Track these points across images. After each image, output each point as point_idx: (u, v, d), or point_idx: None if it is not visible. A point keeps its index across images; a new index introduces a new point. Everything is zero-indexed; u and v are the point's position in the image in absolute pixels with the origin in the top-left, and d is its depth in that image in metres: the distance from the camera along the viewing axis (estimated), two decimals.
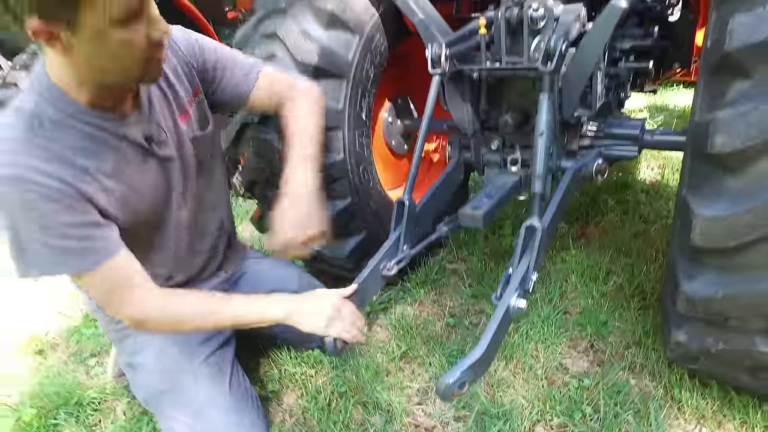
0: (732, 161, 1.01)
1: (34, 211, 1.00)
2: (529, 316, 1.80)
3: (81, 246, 1.05)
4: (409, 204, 1.50)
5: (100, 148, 1.08)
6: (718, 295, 1.11)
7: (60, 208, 1.01)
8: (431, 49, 1.45)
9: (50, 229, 1.02)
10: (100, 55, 0.95)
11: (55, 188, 1.00)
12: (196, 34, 1.34)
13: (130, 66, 1.00)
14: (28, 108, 1.02)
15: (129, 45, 0.95)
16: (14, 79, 2.35)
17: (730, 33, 0.97)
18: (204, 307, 1.25)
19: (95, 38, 0.91)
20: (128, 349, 1.44)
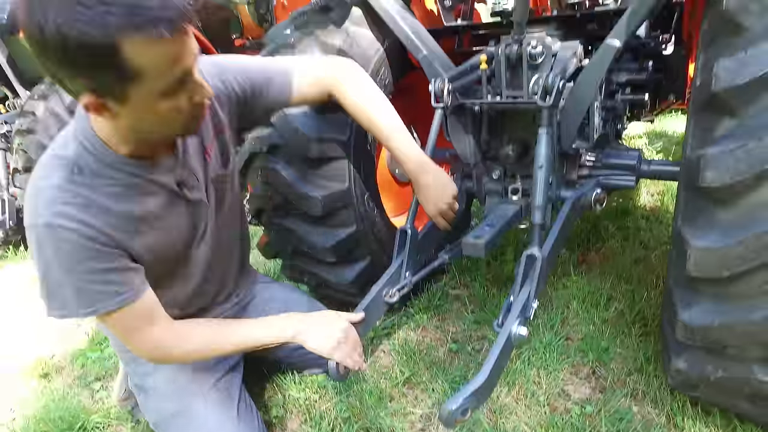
0: (722, 195, 1.06)
1: (66, 256, 1.05)
2: (531, 342, 1.81)
3: (106, 290, 1.11)
4: (411, 232, 1.54)
5: (134, 195, 1.13)
6: (714, 324, 1.14)
7: (90, 254, 1.06)
8: (434, 84, 1.51)
9: (79, 273, 1.07)
10: (145, 120, 1.00)
11: (87, 236, 1.05)
12: (224, 60, 1.36)
13: (174, 127, 1.06)
14: (68, 155, 1.07)
15: (174, 111, 1.00)
16: (32, 108, 2.43)
17: (715, 75, 1.03)
18: (219, 334, 1.31)
19: (142, 108, 0.96)
20: (140, 371, 1.47)
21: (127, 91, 0.92)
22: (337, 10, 1.76)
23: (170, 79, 0.94)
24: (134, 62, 0.87)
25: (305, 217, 1.76)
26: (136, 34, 0.85)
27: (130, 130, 1.05)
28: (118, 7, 0.83)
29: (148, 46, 0.87)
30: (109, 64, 0.86)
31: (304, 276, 2.02)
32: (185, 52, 0.94)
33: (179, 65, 0.94)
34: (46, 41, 0.83)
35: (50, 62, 0.87)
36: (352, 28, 1.74)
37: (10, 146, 2.68)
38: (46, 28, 0.82)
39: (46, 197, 1.04)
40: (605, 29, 1.58)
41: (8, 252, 3.52)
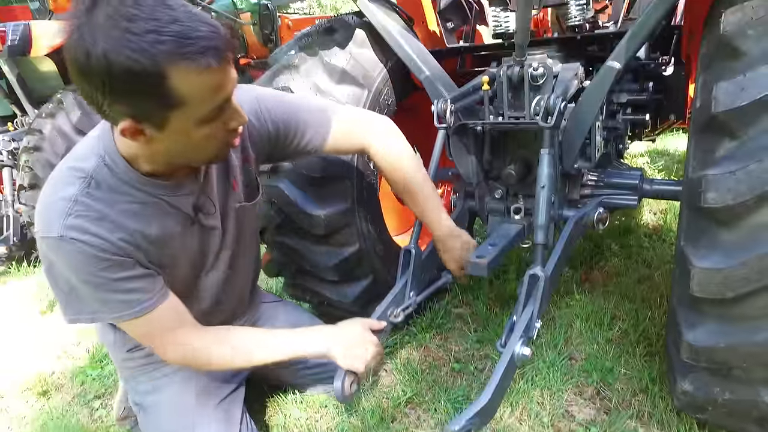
0: (724, 216, 1.06)
1: (81, 267, 1.07)
2: (534, 362, 1.80)
3: (127, 298, 1.12)
4: (415, 252, 1.54)
5: (149, 214, 1.13)
6: (719, 345, 1.13)
7: (105, 264, 1.07)
8: (437, 104, 1.53)
9: (96, 283, 1.09)
10: (179, 145, 1.01)
11: (99, 247, 1.06)
12: (263, 95, 1.34)
13: (206, 152, 1.07)
14: (86, 168, 1.07)
15: (211, 138, 1.01)
16: (39, 126, 2.46)
17: (715, 98, 1.04)
18: (249, 343, 1.30)
19: (179, 134, 0.97)
20: (140, 389, 1.46)
21: (168, 117, 0.93)
22: (341, 31, 1.80)
23: (211, 107, 0.95)
24: (179, 90, 0.88)
25: (308, 236, 1.77)
26: (185, 62, 0.86)
27: (162, 154, 1.06)
28: (167, 36, 0.84)
29: (195, 74, 0.88)
30: (154, 91, 0.87)
31: (306, 294, 2.02)
32: (228, 80, 0.95)
33: (221, 93, 0.95)
34: (90, 67, 0.84)
35: (91, 87, 0.88)
36: (355, 50, 1.77)
37: (17, 163, 2.71)
38: (93, 53, 0.83)
39: (60, 209, 1.04)
40: (606, 51, 1.61)
41: (11, 268, 3.53)
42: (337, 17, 1.91)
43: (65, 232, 1.03)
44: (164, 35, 0.84)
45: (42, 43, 2.50)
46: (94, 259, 1.05)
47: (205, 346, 1.25)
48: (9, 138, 3.09)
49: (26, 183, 2.48)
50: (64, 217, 1.03)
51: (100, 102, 0.90)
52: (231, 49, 0.93)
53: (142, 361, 1.43)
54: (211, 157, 1.11)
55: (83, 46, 0.83)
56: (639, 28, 1.39)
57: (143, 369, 1.44)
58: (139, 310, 1.13)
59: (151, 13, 0.84)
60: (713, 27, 1.16)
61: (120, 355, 1.46)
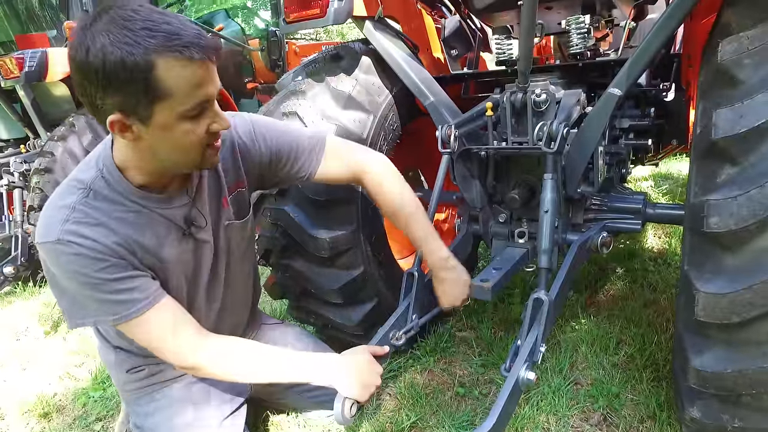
0: (728, 240, 1.07)
1: (80, 269, 1.10)
2: (540, 387, 1.78)
3: (124, 298, 1.15)
4: (418, 275, 1.55)
5: (142, 223, 1.18)
6: (727, 371, 1.12)
7: (102, 266, 1.11)
8: (441, 130, 1.56)
9: (94, 284, 1.12)
10: (164, 144, 1.07)
11: (96, 249, 1.10)
12: (258, 121, 1.39)
13: (190, 154, 1.11)
14: (85, 180, 1.14)
15: (191, 135, 1.07)
16: (51, 148, 2.51)
17: (715, 124, 1.06)
18: (255, 358, 1.31)
19: (163, 130, 1.04)
20: (140, 411, 1.45)
21: (153, 109, 1.00)
22: (348, 58, 1.84)
23: (193, 102, 1.02)
24: (165, 82, 0.97)
25: (312, 259, 1.78)
26: (171, 54, 0.96)
27: (148, 154, 1.10)
28: (159, 33, 0.95)
29: (179, 66, 0.97)
30: (142, 82, 0.96)
31: (310, 317, 2.02)
32: (209, 79, 1.04)
33: (203, 89, 1.03)
34: (89, 62, 0.94)
35: (87, 81, 0.97)
36: (361, 76, 1.81)
37: (27, 184, 2.75)
38: (92, 48, 0.93)
39: (59, 216, 1.10)
40: (607, 78, 1.64)
41: (17, 288, 3.55)
42: (343, 44, 1.97)
43: (62, 235, 1.08)
44: (156, 31, 0.95)
45: (57, 69, 2.57)
46: (90, 261, 1.10)
47: (211, 353, 1.26)
48: (21, 160, 3.15)
49: (36, 204, 2.51)
50: (62, 223, 1.09)
51: (93, 95, 0.98)
52: (214, 51, 1.03)
53: (142, 382, 1.43)
54: (195, 161, 1.14)
55: (84, 43, 0.94)
56: (639, 55, 1.42)
57: (144, 390, 1.44)
58: (138, 309, 1.15)
59: (147, 16, 0.97)
60: (711, 56, 1.18)
61: (121, 376, 1.46)
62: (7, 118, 3.40)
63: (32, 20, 3.52)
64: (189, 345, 1.23)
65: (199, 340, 1.24)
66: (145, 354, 1.33)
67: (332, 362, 1.35)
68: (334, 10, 1.65)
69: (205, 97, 1.04)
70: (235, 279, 1.45)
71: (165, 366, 1.40)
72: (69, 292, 1.17)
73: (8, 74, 2.58)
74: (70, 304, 1.20)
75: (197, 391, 1.45)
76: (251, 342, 1.39)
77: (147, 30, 0.94)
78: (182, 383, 1.45)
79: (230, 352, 1.29)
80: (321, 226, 1.73)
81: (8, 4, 3.49)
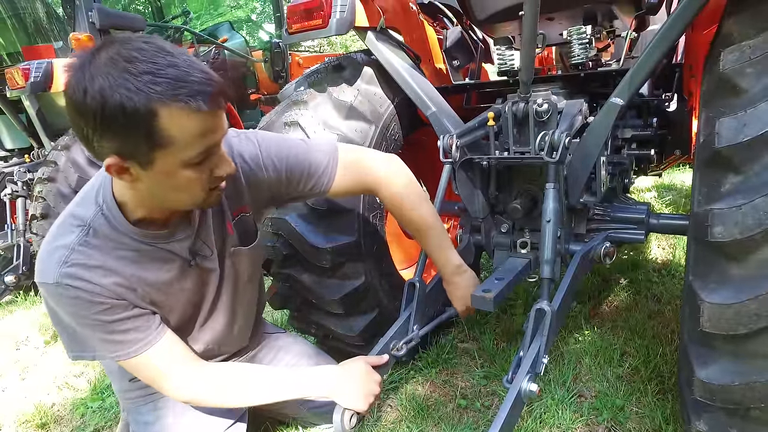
0: (733, 250, 1.05)
1: (79, 311, 1.10)
2: (543, 399, 1.76)
3: (124, 338, 1.15)
4: (419, 285, 1.54)
5: (145, 260, 1.16)
6: (734, 383, 1.10)
7: (101, 308, 1.11)
8: (443, 140, 1.56)
9: (94, 325, 1.13)
10: (165, 188, 1.03)
11: (95, 292, 1.09)
12: (263, 140, 1.33)
13: (192, 197, 1.07)
14: (84, 216, 1.12)
15: (195, 181, 1.02)
16: (54, 158, 2.53)
17: (717, 133, 1.06)
18: (253, 383, 1.31)
19: (165, 176, 0.99)
20: (142, 420, 1.45)
21: (154, 157, 0.94)
22: (350, 68, 1.85)
23: (198, 151, 0.97)
24: (168, 131, 0.91)
25: (314, 269, 1.77)
26: (176, 104, 0.89)
27: (147, 195, 1.07)
28: (163, 78, 0.87)
29: (185, 116, 0.91)
30: (143, 130, 0.89)
31: (311, 327, 2.01)
32: (217, 126, 0.98)
33: (209, 139, 0.97)
34: (86, 103, 0.87)
35: (83, 122, 0.91)
36: (363, 86, 1.82)
37: (31, 193, 2.77)
38: (90, 90, 0.86)
39: (57, 257, 1.08)
40: (609, 88, 1.64)
41: (19, 297, 3.54)
42: (345, 55, 1.98)
43: (61, 279, 1.06)
44: (160, 77, 0.87)
45: (62, 79, 2.58)
46: (89, 304, 1.09)
47: (207, 384, 1.26)
48: (25, 169, 3.18)
49: (38, 213, 2.52)
50: (60, 265, 1.07)
51: (90, 137, 0.92)
52: (224, 97, 0.96)
53: (144, 390, 1.42)
54: (196, 202, 1.10)
55: (82, 83, 0.87)
56: (641, 65, 1.42)
57: (145, 399, 1.44)
58: (137, 349, 1.16)
59: (151, 57, 0.88)
60: (713, 65, 1.18)
61: (123, 384, 1.45)
62: (12, 127, 3.43)
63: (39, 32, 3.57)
64: (186, 381, 1.23)
65: (196, 375, 1.24)
66: None
67: (330, 374, 1.33)
68: (337, 21, 1.66)
69: (210, 144, 0.98)
70: (241, 300, 1.43)
71: None
72: (69, 328, 1.17)
73: (14, 85, 2.61)
74: (70, 339, 1.19)
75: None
76: (247, 366, 1.39)
77: (150, 75, 0.87)
78: None
79: (226, 381, 1.28)
80: (322, 235, 1.73)
81: (16, 16, 3.54)
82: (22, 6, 3.54)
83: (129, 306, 1.14)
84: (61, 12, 3.50)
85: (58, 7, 3.59)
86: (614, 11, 1.76)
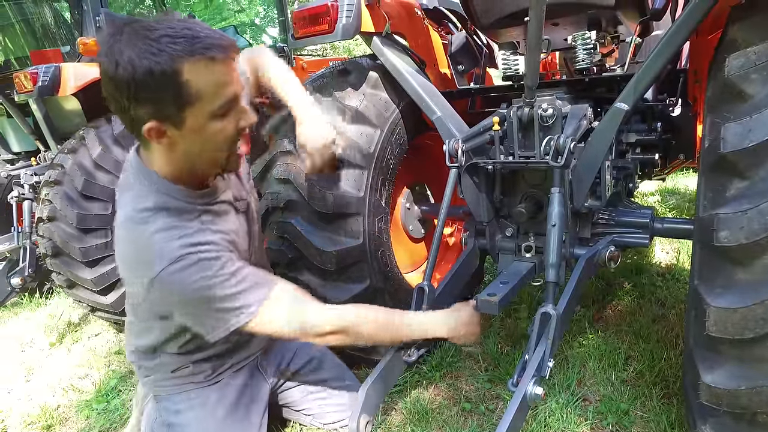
0: (738, 254, 1.06)
1: (205, 273, 1.16)
2: (547, 403, 1.76)
3: (251, 284, 1.23)
4: (428, 289, 1.54)
5: (213, 216, 1.28)
6: (741, 388, 1.10)
7: (223, 261, 1.19)
8: (449, 144, 1.57)
9: (222, 283, 1.18)
10: (198, 145, 1.14)
11: (211, 250, 1.18)
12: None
13: (223, 151, 1.19)
14: (151, 206, 1.18)
15: (222, 133, 1.14)
16: (61, 161, 2.54)
17: (723, 139, 1.06)
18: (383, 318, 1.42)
19: (196, 132, 1.11)
20: (173, 408, 1.48)
21: (184, 116, 1.07)
22: (355, 73, 1.86)
23: (221, 101, 1.09)
24: (192, 86, 1.04)
25: (319, 272, 1.78)
26: (195, 57, 1.02)
27: (184, 159, 1.18)
28: (180, 38, 1.01)
29: (203, 68, 1.04)
30: (171, 89, 1.02)
31: None
32: (233, 77, 1.11)
33: (229, 88, 1.10)
34: (118, 75, 1.00)
35: (119, 93, 1.03)
36: (369, 91, 1.83)
37: (37, 196, 2.78)
38: (120, 62, 0.99)
39: (161, 240, 1.15)
40: (613, 93, 1.65)
41: (24, 299, 3.56)
42: (351, 60, 1.99)
43: (179, 251, 1.14)
44: (178, 37, 1.01)
45: (69, 83, 2.61)
46: (213, 261, 1.17)
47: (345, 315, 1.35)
48: (32, 172, 3.19)
49: (45, 216, 2.53)
50: (170, 242, 1.15)
51: (127, 107, 1.04)
52: (234, 50, 1.10)
53: (183, 380, 1.47)
54: (226, 157, 1.21)
55: (113, 58, 1.00)
56: (645, 71, 1.42)
57: (181, 388, 1.48)
58: (266, 291, 1.24)
59: (168, 24, 1.03)
60: (718, 71, 1.19)
61: (161, 375, 1.48)
62: (19, 131, 3.45)
63: (47, 37, 3.59)
64: (323, 308, 1.33)
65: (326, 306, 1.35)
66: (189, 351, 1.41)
67: (448, 319, 1.48)
68: (343, 26, 1.67)
69: (231, 95, 1.11)
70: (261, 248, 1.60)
71: (207, 365, 1.46)
72: (201, 308, 1.20)
73: (22, 88, 2.62)
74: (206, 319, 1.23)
75: (231, 393, 1.51)
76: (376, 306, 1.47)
77: (169, 37, 1.00)
78: (218, 386, 1.50)
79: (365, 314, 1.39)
80: (328, 239, 1.74)
81: (25, 21, 3.57)
82: (30, 11, 3.57)
83: (235, 257, 1.23)
84: (68, 17, 3.53)
85: (65, 12, 3.62)
86: (619, 17, 1.77)
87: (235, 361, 1.53)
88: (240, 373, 1.56)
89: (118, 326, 2.92)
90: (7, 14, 3.52)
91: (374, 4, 1.76)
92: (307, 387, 1.72)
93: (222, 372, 1.51)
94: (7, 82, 3.01)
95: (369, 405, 1.44)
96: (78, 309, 3.21)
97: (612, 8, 1.69)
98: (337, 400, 1.72)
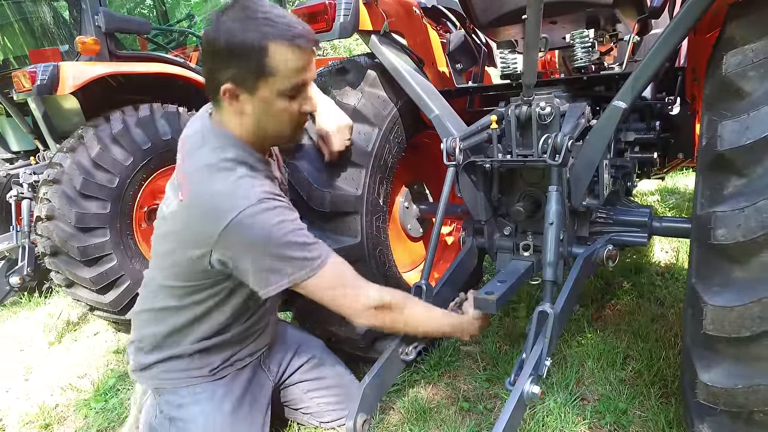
0: (736, 253, 1.06)
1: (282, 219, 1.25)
2: (545, 402, 1.76)
3: (315, 241, 1.32)
4: (426, 288, 1.54)
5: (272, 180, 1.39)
6: (738, 387, 1.10)
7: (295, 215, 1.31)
8: (446, 143, 1.57)
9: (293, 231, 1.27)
10: (265, 115, 1.28)
11: (288, 203, 1.33)
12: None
13: (285, 126, 1.33)
14: (232, 156, 1.29)
15: (286, 111, 1.28)
16: (60, 160, 2.54)
17: (720, 136, 1.06)
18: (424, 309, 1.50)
19: (264, 102, 1.25)
20: (176, 402, 1.48)
21: (258, 85, 1.22)
22: (353, 72, 1.86)
23: (293, 83, 1.24)
24: (273, 63, 1.19)
25: None
26: (284, 41, 1.19)
27: (252, 123, 1.30)
28: (276, 23, 1.18)
29: (288, 52, 1.20)
30: (254, 60, 1.18)
31: (314, 330, 2.00)
32: (309, 66, 1.26)
33: (302, 74, 1.24)
34: (217, 40, 1.18)
35: (212, 55, 1.21)
36: (367, 89, 1.83)
37: (36, 195, 2.78)
38: (221, 30, 1.18)
39: (246, 185, 1.25)
40: (612, 91, 1.65)
41: (23, 298, 3.56)
42: (349, 58, 1.99)
43: (262, 195, 1.24)
44: (275, 21, 1.18)
45: (68, 82, 2.60)
46: (288, 211, 1.28)
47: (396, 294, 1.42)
48: (31, 171, 3.19)
49: (44, 215, 2.53)
50: (254, 187, 1.25)
51: (215, 68, 1.22)
52: (317, 45, 1.27)
53: (194, 372, 1.48)
54: (288, 133, 1.35)
55: (217, 27, 1.18)
56: (643, 69, 1.42)
57: (188, 381, 1.48)
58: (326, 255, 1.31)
59: (269, 9, 1.20)
60: (716, 69, 1.19)
61: (174, 365, 1.48)
62: (18, 130, 3.45)
63: (46, 36, 3.59)
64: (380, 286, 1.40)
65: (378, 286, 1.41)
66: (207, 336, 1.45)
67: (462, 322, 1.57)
68: (340, 24, 1.67)
69: (302, 80, 1.25)
70: None
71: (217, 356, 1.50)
72: (266, 259, 1.25)
73: (21, 87, 2.62)
74: (267, 271, 1.26)
75: (237, 388, 1.53)
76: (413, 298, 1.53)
77: (267, 20, 1.17)
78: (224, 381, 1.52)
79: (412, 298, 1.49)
80: (325, 238, 1.71)
81: (23, 20, 3.57)
82: (29, 10, 3.57)
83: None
84: (67, 16, 3.53)
85: (64, 11, 3.62)
86: (617, 15, 1.77)
87: (244, 354, 1.55)
88: (244, 371, 1.57)
89: (117, 325, 2.92)
90: (6, 13, 3.52)
91: (372, 3, 1.75)
92: (307, 385, 1.73)
93: (229, 366, 1.52)
94: (6, 81, 3.00)
95: (367, 404, 1.44)
96: (77, 308, 3.21)
97: (610, 6, 1.69)
98: (336, 398, 1.73)
